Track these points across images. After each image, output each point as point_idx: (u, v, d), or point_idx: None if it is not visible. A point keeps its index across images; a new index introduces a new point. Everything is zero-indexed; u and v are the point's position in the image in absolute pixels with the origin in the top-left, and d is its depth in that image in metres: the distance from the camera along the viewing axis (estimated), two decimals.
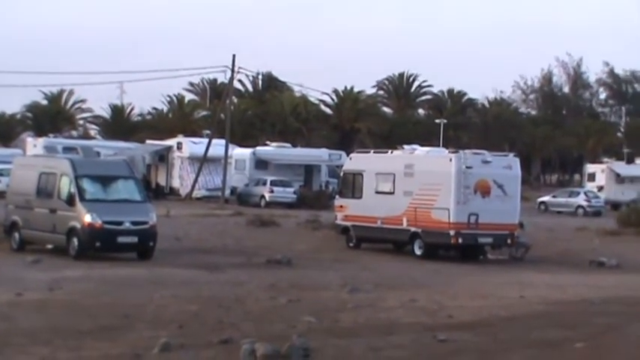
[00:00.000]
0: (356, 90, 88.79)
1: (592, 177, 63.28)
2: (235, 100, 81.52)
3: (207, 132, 56.32)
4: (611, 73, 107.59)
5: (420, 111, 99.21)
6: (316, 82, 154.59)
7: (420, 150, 30.72)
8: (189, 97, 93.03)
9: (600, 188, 60.08)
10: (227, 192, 49.66)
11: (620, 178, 61.61)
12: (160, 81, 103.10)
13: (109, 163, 29.54)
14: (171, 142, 53.58)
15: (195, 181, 50.39)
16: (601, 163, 67.16)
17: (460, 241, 27.26)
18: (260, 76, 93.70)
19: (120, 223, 23.81)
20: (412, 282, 21.59)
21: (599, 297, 19.28)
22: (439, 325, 14.98)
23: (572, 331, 14.50)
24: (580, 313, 16.65)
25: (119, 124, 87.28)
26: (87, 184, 24.33)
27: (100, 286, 18.64)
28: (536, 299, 18.70)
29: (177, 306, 16.28)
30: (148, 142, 58.09)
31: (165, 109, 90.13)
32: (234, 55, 51.09)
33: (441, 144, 66.19)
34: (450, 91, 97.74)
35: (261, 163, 53.20)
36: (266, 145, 58.24)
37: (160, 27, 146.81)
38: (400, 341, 13.46)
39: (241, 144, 59.54)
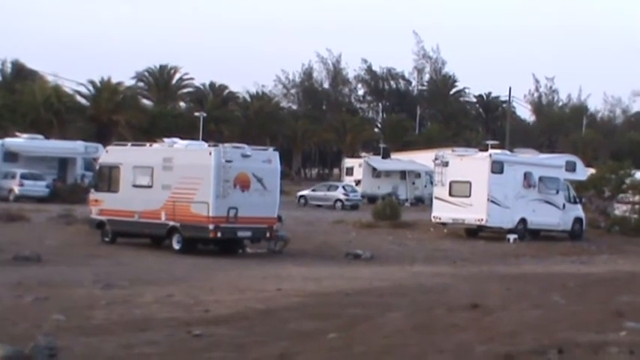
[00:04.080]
0: (114, 81, 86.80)
1: (350, 171, 65.10)
2: None
3: None
4: (369, 70, 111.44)
5: (182, 104, 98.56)
6: (72, 72, 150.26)
7: (180, 143, 30.33)
8: None
9: (358, 182, 61.89)
10: None
11: (376, 173, 63.74)
12: None
13: None
14: None
15: None
16: (359, 157, 69.18)
17: (219, 235, 27.19)
18: (9, 64, 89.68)
19: None
20: (169, 277, 21.21)
21: (354, 288, 19.66)
22: (195, 320, 14.76)
23: (326, 322, 14.63)
24: (334, 305, 16.86)
25: None
26: None
27: None
28: (293, 292, 18.81)
29: None
30: None
31: None
32: None
33: (201, 137, 65.90)
34: (212, 85, 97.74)
35: (10, 155, 50.63)
36: (16, 136, 55.58)
37: None
38: (154, 337, 13.12)
39: None
